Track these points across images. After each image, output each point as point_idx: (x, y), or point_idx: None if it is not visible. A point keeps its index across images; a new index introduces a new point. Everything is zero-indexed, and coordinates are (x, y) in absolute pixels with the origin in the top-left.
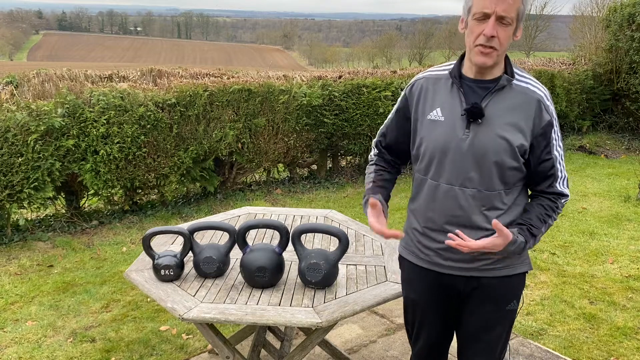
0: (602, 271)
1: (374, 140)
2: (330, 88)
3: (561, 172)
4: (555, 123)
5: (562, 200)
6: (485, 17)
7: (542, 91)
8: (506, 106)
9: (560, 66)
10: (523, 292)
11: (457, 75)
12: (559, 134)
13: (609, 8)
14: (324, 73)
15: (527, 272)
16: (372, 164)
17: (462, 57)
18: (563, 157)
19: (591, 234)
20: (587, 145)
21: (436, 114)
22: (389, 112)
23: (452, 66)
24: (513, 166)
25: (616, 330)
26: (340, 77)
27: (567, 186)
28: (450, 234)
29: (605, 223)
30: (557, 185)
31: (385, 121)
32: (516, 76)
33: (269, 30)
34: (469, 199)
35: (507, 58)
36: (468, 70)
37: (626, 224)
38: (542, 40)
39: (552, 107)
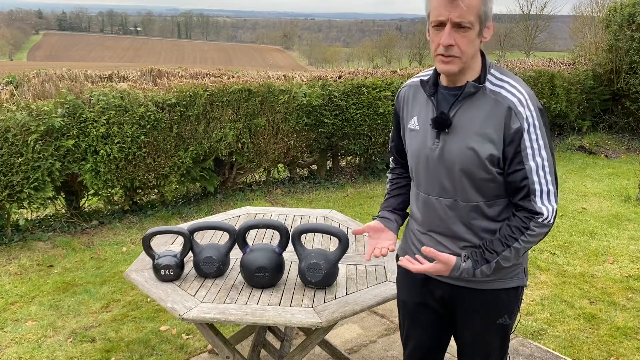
0: (602, 271)
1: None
2: (330, 88)
3: (540, 184)
4: (532, 129)
5: (539, 219)
6: (441, 25)
7: (516, 96)
8: (476, 115)
9: (560, 66)
10: (519, 307)
11: (433, 83)
12: (542, 142)
13: (609, 8)
14: (324, 73)
15: (520, 287)
16: (389, 172)
17: None
18: (547, 168)
19: (591, 234)
20: (587, 145)
21: (414, 123)
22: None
23: (430, 73)
24: (484, 177)
25: (616, 330)
26: (340, 77)
27: (551, 201)
28: (404, 258)
29: (605, 223)
30: (536, 200)
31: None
32: (492, 80)
33: (269, 30)
34: (446, 209)
35: (484, 62)
36: (443, 78)
37: (626, 224)
38: (542, 40)
39: (526, 113)
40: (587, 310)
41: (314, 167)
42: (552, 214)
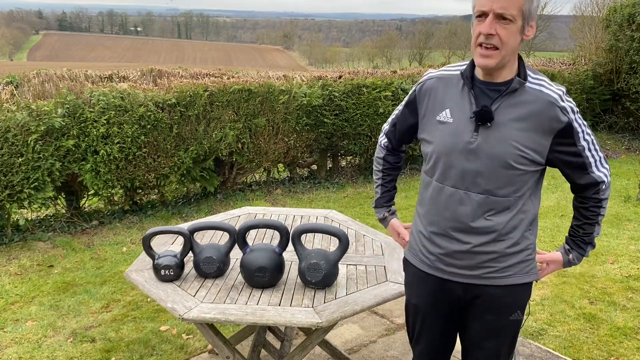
0: (602, 271)
1: (385, 127)
2: (330, 88)
3: (593, 157)
4: (576, 117)
5: (603, 187)
6: (483, 15)
7: (556, 92)
8: (518, 110)
9: (560, 66)
10: (529, 302)
11: (469, 76)
12: (584, 123)
13: (609, 8)
14: (324, 73)
15: (532, 282)
16: (382, 158)
17: None
18: (596, 145)
19: None
20: None
21: (445, 115)
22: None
23: (464, 66)
24: (523, 171)
25: (616, 330)
26: (340, 77)
27: (604, 165)
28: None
29: (605, 223)
30: (593, 170)
31: (395, 112)
32: (529, 78)
33: (269, 30)
34: (474, 203)
35: (520, 60)
36: (479, 72)
37: (626, 224)
38: (542, 40)
39: (569, 106)
40: (587, 310)
41: (314, 167)
42: (608, 175)
